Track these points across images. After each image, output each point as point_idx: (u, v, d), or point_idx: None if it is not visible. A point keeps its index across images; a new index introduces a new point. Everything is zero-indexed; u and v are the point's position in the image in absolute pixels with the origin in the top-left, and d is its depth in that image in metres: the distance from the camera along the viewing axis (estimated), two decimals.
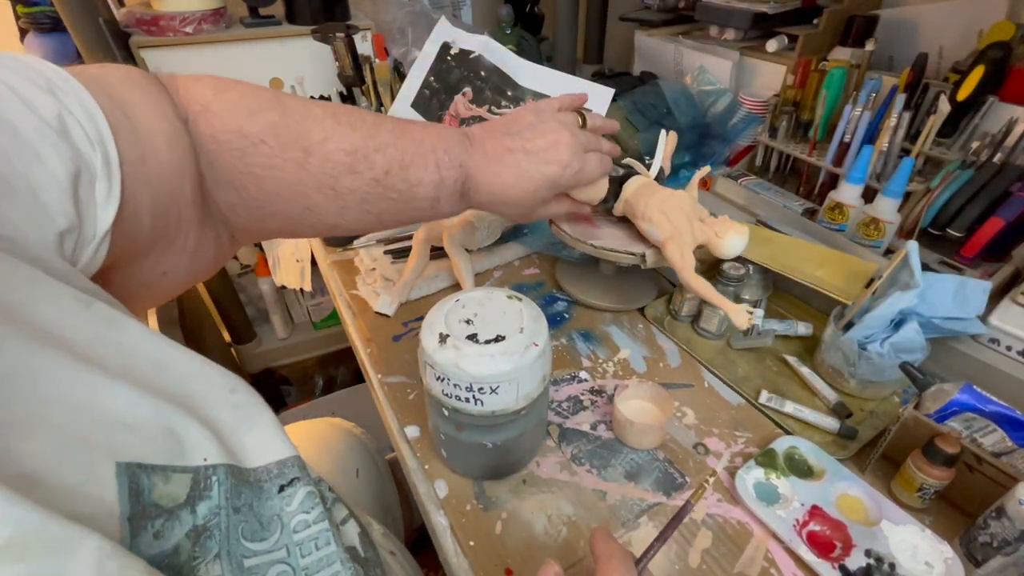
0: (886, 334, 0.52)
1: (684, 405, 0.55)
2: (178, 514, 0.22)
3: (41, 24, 0.97)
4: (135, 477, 0.20)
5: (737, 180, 0.89)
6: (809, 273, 0.62)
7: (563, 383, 0.57)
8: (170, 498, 0.22)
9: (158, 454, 0.22)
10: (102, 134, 0.26)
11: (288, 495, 0.26)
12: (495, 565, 0.41)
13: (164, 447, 0.22)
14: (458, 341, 0.39)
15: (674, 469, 0.49)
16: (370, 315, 0.66)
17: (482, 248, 0.75)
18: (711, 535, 0.43)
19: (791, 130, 0.88)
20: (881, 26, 0.85)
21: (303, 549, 0.26)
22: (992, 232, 0.62)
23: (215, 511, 0.23)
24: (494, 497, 0.46)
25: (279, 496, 0.26)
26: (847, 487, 0.46)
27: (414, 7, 1.00)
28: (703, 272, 0.56)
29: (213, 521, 0.23)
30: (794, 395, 0.56)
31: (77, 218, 0.25)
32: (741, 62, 0.98)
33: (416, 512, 0.78)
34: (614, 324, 0.65)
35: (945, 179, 0.68)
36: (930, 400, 0.47)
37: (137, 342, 0.24)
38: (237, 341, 1.36)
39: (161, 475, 0.21)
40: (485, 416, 0.41)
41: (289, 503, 0.26)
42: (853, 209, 0.73)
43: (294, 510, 0.26)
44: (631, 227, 0.63)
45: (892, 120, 0.72)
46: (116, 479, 0.20)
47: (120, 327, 0.24)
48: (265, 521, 0.25)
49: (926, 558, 0.41)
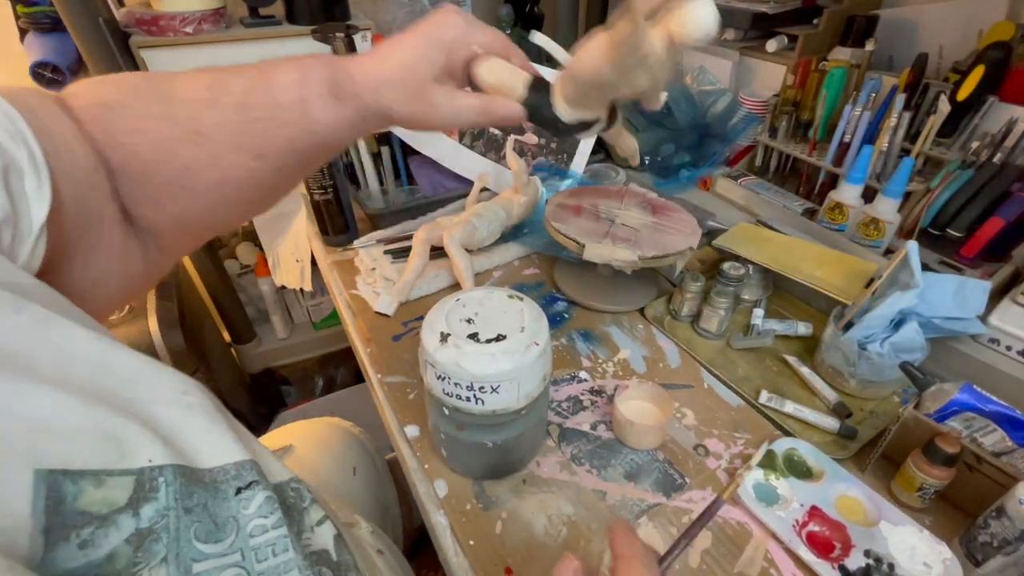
0: (886, 334, 0.52)
1: (684, 406, 0.55)
2: (114, 519, 0.21)
3: (41, 24, 0.97)
4: (57, 485, 0.20)
5: (737, 180, 0.89)
6: (809, 273, 0.62)
7: (563, 383, 0.57)
8: (104, 503, 0.21)
9: (92, 458, 0.21)
10: (23, 132, 0.26)
11: (246, 498, 0.26)
12: (495, 565, 0.41)
13: (100, 450, 0.21)
14: (459, 340, 0.39)
15: (674, 470, 0.49)
16: (370, 315, 0.66)
17: (482, 248, 0.75)
18: (711, 535, 0.43)
19: (791, 130, 0.88)
20: (881, 26, 0.85)
21: (259, 554, 0.25)
22: (992, 232, 0.62)
23: (163, 512, 0.22)
24: (494, 497, 0.46)
25: (236, 498, 0.25)
26: (846, 488, 0.46)
27: (414, 7, 1.00)
28: (703, 272, 0.56)
29: (160, 523, 0.22)
30: (794, 395, 0.56)
31: (12, 210, 0.25)
32: (741, 62, 0.98)
33: (416, 512, 0.78)
34: (614, 324, 0.65)
35: (945, 179, 0.68)
36: (930, 400, 0.47)
37: (77, 344, 0.23)
38: (237, 341, 1.36)
39: (92, 480, 0.21)
40: (486, 415, 0.41)
41: (247, 506, 0.25)
42: (853, 209, 0.73)
43: (252, 513, 0.25)
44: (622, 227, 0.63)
45: (892, 120, 0.72)
46: (32, 488, 0.19)
47: (58, 328, 0.23)
48: (220, 522, 0.24)
49: (925, 558, 0.41)
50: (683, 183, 0.94)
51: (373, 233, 0.79)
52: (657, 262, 0.60)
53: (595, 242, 0.61)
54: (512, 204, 0.75)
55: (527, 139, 0.90)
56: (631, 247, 0.60)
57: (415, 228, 0.73)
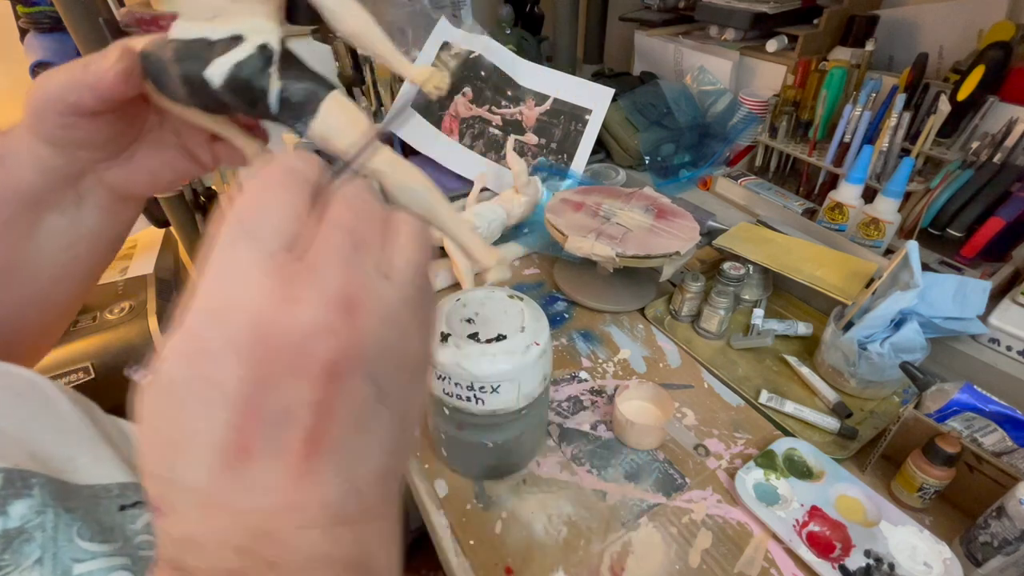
0: (886, 334, 0.52)
1: (684, 406, 0.55)
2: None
3: (41, 24, 0.97)
4: None
5: (737, 180, 0.89)
6: (809, 273, 0.62)
7: (563, 383, 0.57)
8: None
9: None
10: None
11: (131, 515, 0.24)
12: (495, 564, 0.41)
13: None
14: (459, 340, 0.39)
15: (674, 470, 0.49)
16: None
17: None
18: (711, 535, 0.43)
19: (791, 130, 0.88)
20: (881, 26, 0.85)
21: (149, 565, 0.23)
22: (992, 232, 0.62)
23: (38, 510, 0.21)
24: (494, 497, 0.46)
25: (120, 513, 0.24)
26: (846, 488, 0.46)
27: (414, 7, 1.00)
28: (703, 272, 0.56)
29: (34, 522, 0.21)
30: (794, 395, 0.56)
31: None
32: (741, 62, 0.98)
33: (413, 513, 0.78)
34: (614, 324, 0.65)
35: (945, 179, 0.68)
36: (930, 400, 0.47)
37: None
38: None
39: None
40: (486, 415, 0.41)
41: (133, 522, 0.24)
42: (853, 209, 0.73)
43: (139, 529, 0.24)
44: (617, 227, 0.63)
45: (892, 120, 0.72)
46: None
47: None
48: (106, 527, 0.23)
49: (925, 558, 0.41)
50: (684, 183, 0.94)
51: None
52: (639, 262, 0.60)
53: (580, 236, 0.61)
54: (512, 204, 0.75)
55: (527, 139, 0.90)
56: (616, 245, 0.60)
57: None
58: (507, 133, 0.89)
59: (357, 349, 0.15)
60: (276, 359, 0.14)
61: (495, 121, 0.90)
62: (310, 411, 0.15)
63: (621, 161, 0.99)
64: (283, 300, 0.15)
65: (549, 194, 0.80)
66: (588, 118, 0.89)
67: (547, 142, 0.90)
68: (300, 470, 0.15)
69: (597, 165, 0.97)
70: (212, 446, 0.14)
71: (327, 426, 0.15)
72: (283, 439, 0.15)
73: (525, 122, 0.90)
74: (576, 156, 0.89)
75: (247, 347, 0.14)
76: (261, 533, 0.15)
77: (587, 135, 0.89)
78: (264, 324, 0.14)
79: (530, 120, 0.90)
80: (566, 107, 0.90)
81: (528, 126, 0.90)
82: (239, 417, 0.14)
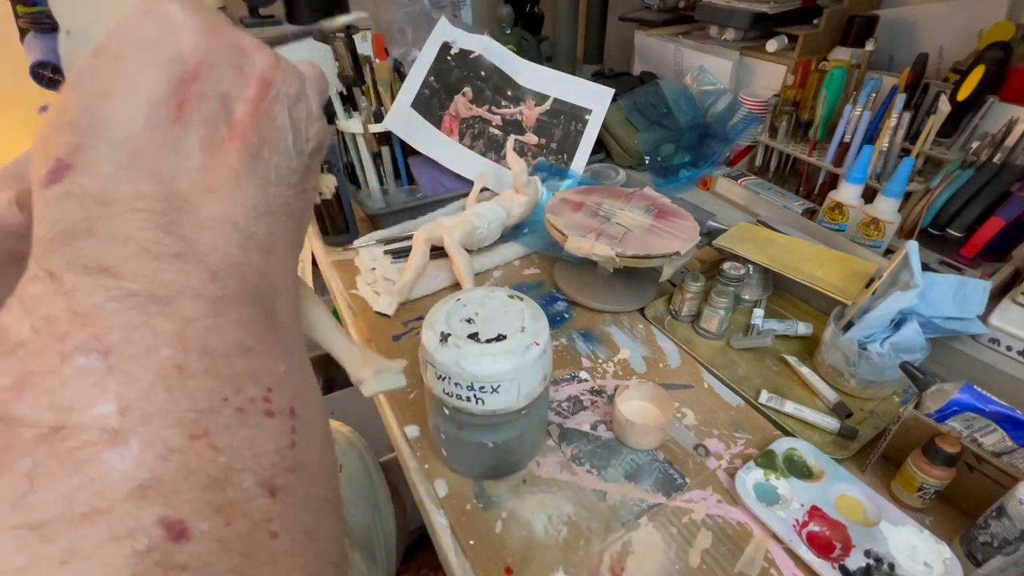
0: (886, 334, 0.52)
1: (684, 406, 0.55)
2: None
3: (41, 24, 0.97)
4: None
5: (737, 180, 0.89)
6: (809, 273, 0.62)
7: (563, 383, 0.57)
8: None
9: None
10: None
11: None
12: (495, 564, 0.41)
13: None
14: (459, 340, 0.39)
15: (674, 470, 0.49)
16: (370, 315, 0.66)
17: (482, 248, 0.75)
18: (711, 535, 0.43)
19: (791, 130, 0.89)
20: (881, 26, 0.85)
21: None
22: (992, 232, 0.62)
23: None
24: (494, 497, 0.46)
25: None
26: (846, 488, 0.46)
27: (414, 7, 1.00)
28: (703, 272, 0.56)
29: None
30: (794, 395, 0.56)
31: None
32: (741, 62, 0.98)
33: (413, 512, 0.78)
34: (614, 324, 0.65)
35: (945, 179, 0.68)
36: (930, 400, 0.47)
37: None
38: None
39: None
40: (486, 415, 0.41)
41: None
42: (853, 209, 0.73)
43: None
44: (614, 227, 0.63)
45: (892, 120, 0.72)
46: None
47: None
48: None
49: (925, 558, 0.41)
50: (684, 183, 0.94)
51: (373, 233, 0.79)
52: (638, 262, 0.60)
53: (580, 236, 0.61)
54: (512, 204, 0.75)
55: (527, 139, 0.90)
56: (616, 245, 0.60)
57: (415, 228, 0.73)
58: (507, 133, 0.89)
59: (287, 83, 0.19)
60: (225, 49, 0.17)
61: (495, 121, 0.90)
62: (242, 105, 0.18)
63: (621, 161, 0.99)
64: (225, 25, 0.18)
65: (549, 194, 0.80)
66: (588, 118, 0.89)
67: (547, 142, 0.90)
68: (223, 152, 0.17)
69: (597, 165, 0.97)
70: (149, 99, 0.16)
71: (251, 128, 0.18)
72: (215, 116, 0.17)
73: (525, 122, 0.90)
74: (576, 156, 0.89)
75: (205, 29, 0.17)
76: (177, 202, 0.16)
77: (587, 135, 0.89)
78: (220, 23, 0.17)
79: (530, 120, 0.90)
80: (566, 107, 0.90)
81: (528, 126, 0.90)
82: (180, 83, 0.16)
